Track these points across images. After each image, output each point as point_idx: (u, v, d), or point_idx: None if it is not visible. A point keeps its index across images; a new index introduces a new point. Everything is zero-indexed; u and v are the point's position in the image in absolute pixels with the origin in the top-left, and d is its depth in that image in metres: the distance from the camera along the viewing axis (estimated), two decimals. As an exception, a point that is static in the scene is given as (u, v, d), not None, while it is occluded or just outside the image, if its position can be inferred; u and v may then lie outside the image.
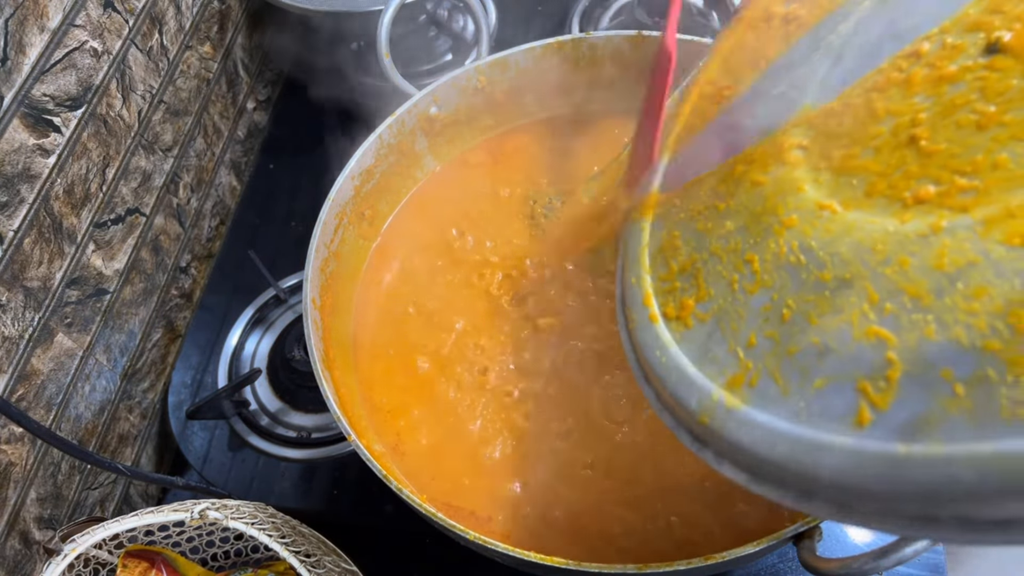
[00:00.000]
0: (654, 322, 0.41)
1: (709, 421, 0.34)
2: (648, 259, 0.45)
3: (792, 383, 0.31)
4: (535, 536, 0.51)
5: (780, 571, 0.62)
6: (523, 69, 0.67)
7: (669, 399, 0.38)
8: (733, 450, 0.33)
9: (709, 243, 0.41)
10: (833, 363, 0.30)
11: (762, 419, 0.31)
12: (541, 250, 0.64)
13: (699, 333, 0.38)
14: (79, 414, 0.67)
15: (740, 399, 0.33)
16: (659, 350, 0.40)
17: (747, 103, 0.44)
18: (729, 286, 0.37)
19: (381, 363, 0.61)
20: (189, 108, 0.82)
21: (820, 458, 0.28)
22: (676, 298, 0.41)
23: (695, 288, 0.40)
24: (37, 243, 0.60)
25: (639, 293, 0.44)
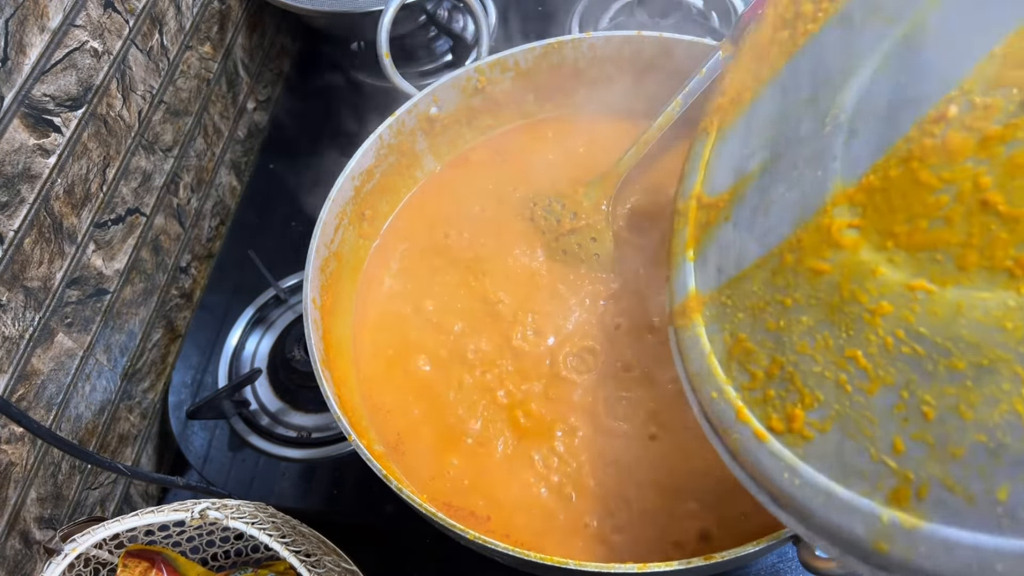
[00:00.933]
0: (764, 440, 0.38)
1: (889, 547, 0.30)
2: (721, 368, 0.42)
3: (975, 489, 0.28)
4: (535, 536, 0.51)
5: (780, 571, 0.62)
6: (523, 69, 0.67)
7: (823, 524, 0.34)
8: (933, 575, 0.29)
9: (791, 342, 0.38)
10: (1016, 459, 0.27)
11: (959, 536, 0.28)
12: (540, 251, 0.64)
13: (826, 445, 0.34)
14: (79, 414, 0.67)
15: (916, 516, 0.29)
16: (787, 472, 0.36)
17: (765, 186, 0.43)
18: (839, 388, 0.34)
19: (381, 363, 0.61)
20: (189, 108, 0.82)
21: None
22: (778, 408, 0.38)
23: (797, 394, 0.37)
24: (37, 243, 0.60)
25: (729, 408, 0.40)
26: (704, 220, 0.48)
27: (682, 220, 0.51)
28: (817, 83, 0.41)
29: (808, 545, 0.41)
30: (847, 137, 0.38)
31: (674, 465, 0.53)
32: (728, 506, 0.51)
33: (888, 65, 0.37)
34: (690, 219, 0.50)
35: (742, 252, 0.43)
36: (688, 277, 0.48)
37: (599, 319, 0.60)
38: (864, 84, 0.38)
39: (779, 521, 0.37)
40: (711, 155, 0.50)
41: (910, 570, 0.30)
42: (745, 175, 0.45)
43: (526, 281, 0.63)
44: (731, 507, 0.51)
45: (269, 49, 1.00)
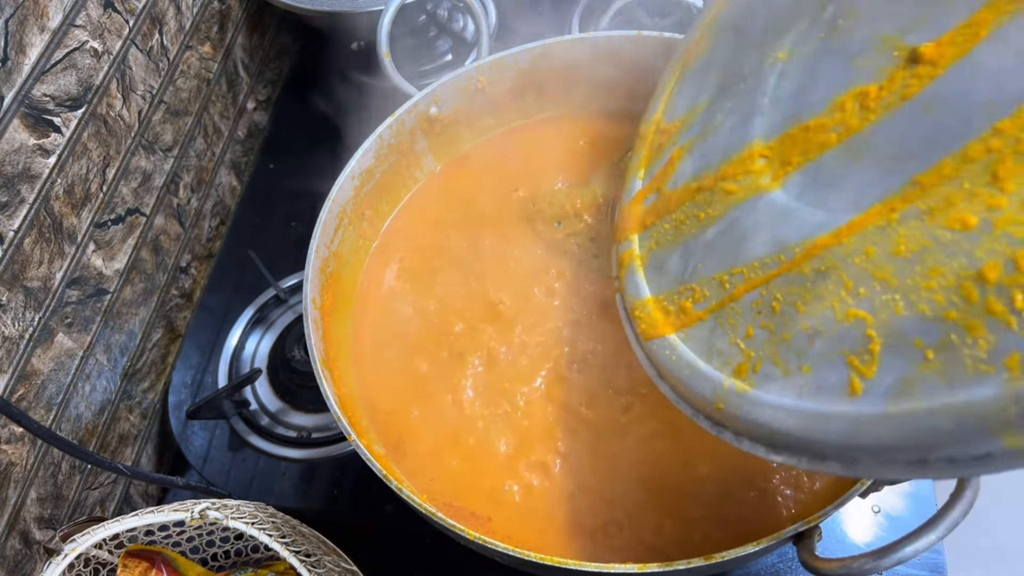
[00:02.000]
0: (658, 328, 0.46)
1: (724, 407, 0.39)
2: (643, 272, 0.50)
3: (791, 365, 0.36)
4: (535, 536, 0.51)
5: (780, 571, 0.62)
6: (523, 69, 0.67)
7: (685, 392, 0.42)
8: (749, 428, 0.37)
9: (697, 250, 0.45)
10: (823, 344, 0.34)
11: (770, 399, 0.36)
12: (540, 252, 0.64)
13: (702, 331, 0.43)
14: (79, 414, 0.67)
15: (748, 384, 0.38)
16: (668, 350, 0.44)
17: (708, 117, 0.49)
18: (721, 287, 0.42)
19: (381, 363, 0.61)
20: (189, 108, 0.82)
21: (826, 426, 0.33)
22: (675, 303, 0.46)
23: (691, 292, 0.45)
24: (37, 243, 0.60)
25: (645, 305, 0.48)
26: (657, 144, 0.54)
27: (641, 143, 0.56)
28: (767, 30, 0.46)
29: (808, 545, 0.41)
30: (778, 79, 0.44)
31: (675, 465, 0.53)
32: (728, 506, 0.51)
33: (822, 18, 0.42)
34: (647, 143, 0.56)
35: (680, 172, 0.49)
36: (633, 193, 0.54)
37: (600, 319, 0.60)
38: (801, 33, 0.43)
39: (664, 395, 0.45)
40: (674, 88, 0.55)
41: (734, 421, 0.38)
42: (695, 106, 0.51)
43: (526, 281, 0.63)
44: (731, 507, 0.51)
45: (269, 49, 1.00)
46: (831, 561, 0.39)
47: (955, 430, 0.28)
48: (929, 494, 0.63)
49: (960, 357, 0.28)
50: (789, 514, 0.50)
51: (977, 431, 0.27)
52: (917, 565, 0.61)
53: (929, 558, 0.61)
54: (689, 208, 0.47)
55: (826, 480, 0.51)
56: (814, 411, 0.33)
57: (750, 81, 0.46)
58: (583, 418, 0.56)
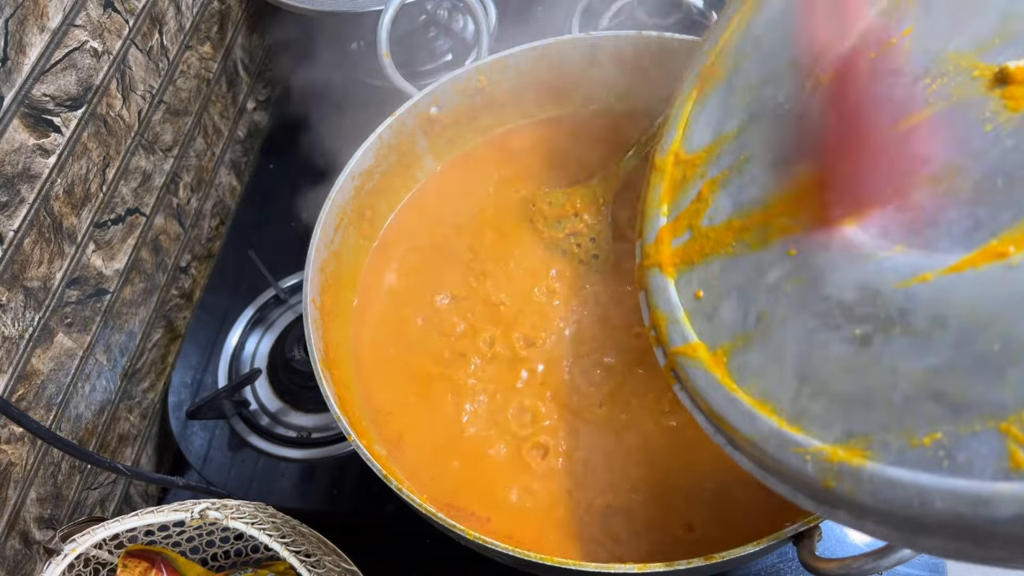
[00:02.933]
0: (726, 384, 0.39)
1: (836, 484, 0.32)
2: (689, 319, 0.44)
3: (918, 433, 0.30)
4: (535, 536, 0.51)
5: (780, 571, 0.62)
6: (523, 69, 0.67)
7: (773, 465, 0.36)
8: (876, 511, 0.31)
9: (756, 296, 0.40)
10: (952, 408, 0.29)
11: (901, 475, 0.30)
12: (540, 252, 0.64)
13: (782, 391, 0.36)
14: (79, 414, 0.67)
15: (862, 456, 0.31)
16: (743, 415, 0.38)
17: (741, 146, 0.46)
18: (802, 339, 0.36)
19: (381, 363, 0.61)
20: (189, 108, 0.82)
21: (992, 509, 0.27)
22: (739, 355, 0.39)
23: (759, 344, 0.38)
24: (37, 243, 0.60)
25: (691, 352, 0.42)
26: (679, 176, 0.50)
27: (658, 175, 0.52)
28: (799, 48, 0.43)
29: (808, 545, 0.41)
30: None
31: (676, 465, 0.53)
32: (728, 506, 0.51)
33: (865, 34, 0.39)
34: (666, 175, 0.51)
35: (717, 208, 0.45)
36: (657, 229, 0.49)
37: (600, 320, 0.60)
38: (843, 50, 0.40)
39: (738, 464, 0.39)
40: (691, 115, 0.51)
41: (851, 503, 0.32)
42: (722, 135, 0.47)
43: (526, 282, 0.63)
44: (731, 507, 0.51)
45: (269, 49, 1.00)
46: (831, 561, 0.39)
47: None
48: (929, 494, 0.63)
49: None
50: (789, 514, 0.50)
51: None
52: (917, 565, 0.61)
53: (929, 558, 0.61)
54: (737, 248, 0.42)
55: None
56: (970, 490, 0.27)
57: (790, 107, 0.42)
58: (583, 418, 0.56)
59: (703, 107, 0.50)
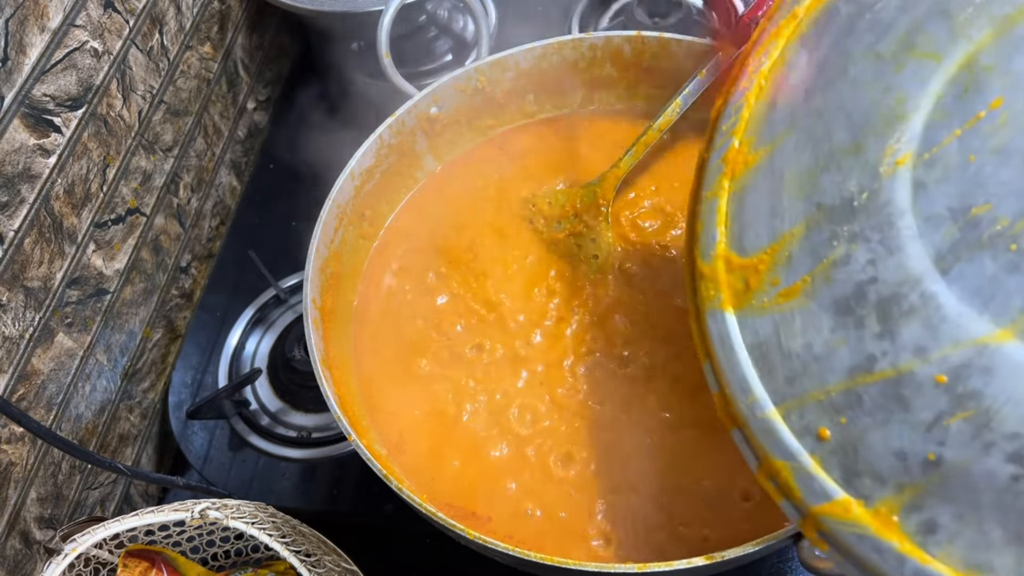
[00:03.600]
0: (915, 556, 0.33)
1: None
2: (818, 464, 0.36)
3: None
4: (535, 536, 0.51)
5: (780, 571, 0.62)
6: (523, 69, 0.67)
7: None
8: None
9: (911, 435, 0.33)
10: None
11: None
12: (540, 252, 0.64)
13: (1001, 558, 0.31)
14: (79, 414, 0.67)
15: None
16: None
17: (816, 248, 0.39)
18: (1008, 486, 0.31)
19: (381, 363, 0.61)
20: (189, 108, 0.82)
21: None
22: (911, 510, 0.33)
23: (940, 493, 0.32)
24: (37, 243, 0.60)
25: (842, 513, 0.35)
26: (741, 286, 0.42)
27: (711, 285, 0.43)
28: (855, 127, 0.38)
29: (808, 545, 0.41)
30: (914, 191, 0.35)
31: (676, 464, 0.53)
32: (728, 506, 0.51)
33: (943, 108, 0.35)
34: (721, 284, 0.42)
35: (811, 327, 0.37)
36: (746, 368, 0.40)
37: (600, 320, 0.60)
38: (918, 130, 0.35)
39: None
40: (730, 209, 0.44)
41: None
42: (783, 234, 0.40)
43: (526, 282, 0.63)
44: (731, 507, 0.51)
45: (269, 49, 1.00)
46: (831, 561, 0.38)
47: None
48: (929, 494, 0.63)
49: None
50: (789, 514, 0.50)
51: None
52: (917, 565, 0.61)
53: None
54: (862, 377, 0.35)
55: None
56: None
57: (866, 198, 0.36)
58: (584, 418, 0.56)
59: (743, 199, 0.43)
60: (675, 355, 0.57)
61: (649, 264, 0.62)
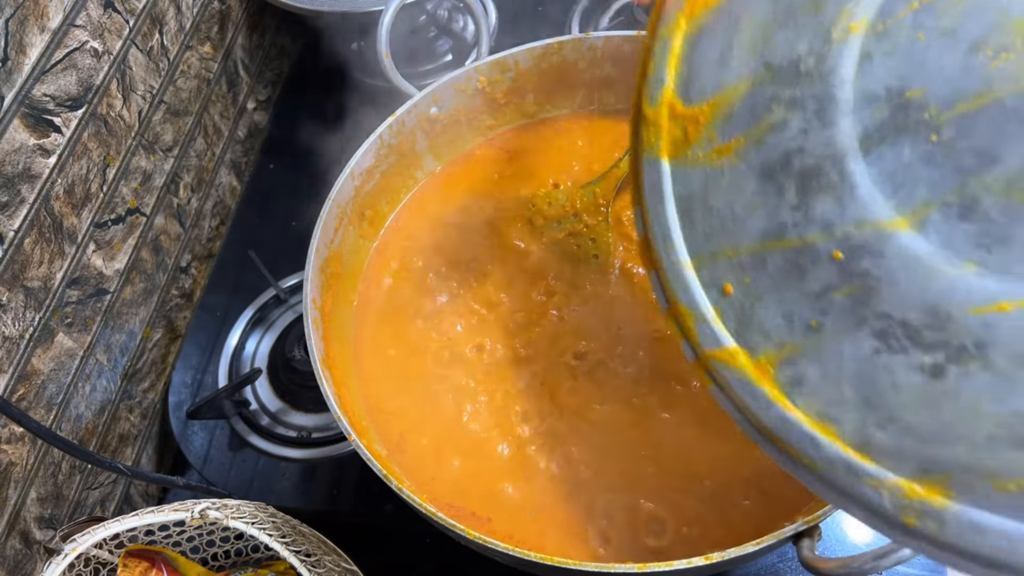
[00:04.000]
0: (778, 402, 0.35)
1: (919, 523, 0.30)
2: (718, 315, 0.38)
3: (1004, 478, 0.28)
4: (535, 536, 0.51)
5: (780, 571, 0.62)
6: (523, 69, 0.67)
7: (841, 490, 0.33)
8: (963, 551, 0.29)
9: (800, 301, 0.35)
10: None
11: (988, 520, 0.28)
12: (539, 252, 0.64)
13: (844, 415, 0.33)
14: (79, 414, 0.67)
15: (943, 495, 0.29)
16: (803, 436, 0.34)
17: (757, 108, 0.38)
18: (862, 361, 0.33)
19: (381, 363, 0.61)
20: (189, 108, 0.82)
21: None
22: (785, 366, 0.35)
23: (808, 355, 0.34)
24: (37, 243, 0.60)
25: (730, 359, 0.37)
26: (680, 136, 0.41)
27: (652, 130, 0.42)
28: None
29: (808, 545, 0.41)
30: (859, 64, 0.34)
31: (676, 464, 0.53)
32: (728, 505, 0.51)
33: None
34: (662, 131, 0.41)
35: (737, 189, 0.38)
36: (665, 196, 0.40)
37: (600, 320, 0.60)
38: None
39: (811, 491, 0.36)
40: (683, 53, 0.41)
41: (932, 544, 0.30)
42: (728, 87, 0.39)
43: (526, 282, 0.63)
44: (731, 506, 0.51)
45: (269, 49, 1.00)
46: (831, 561, 0.39)
47: None
48: (929, 494, 0.63)
49: None
50: (789, 514, 0.50)
51: None
52: (917, 565, 0.61)
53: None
54: (771, 243, 0.37)
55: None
56: None
57: (813, 62, 0.35)
58: (584, 418, 0.56)
59: (697, 42, 0.40)
60: (676, 355, 0.56)
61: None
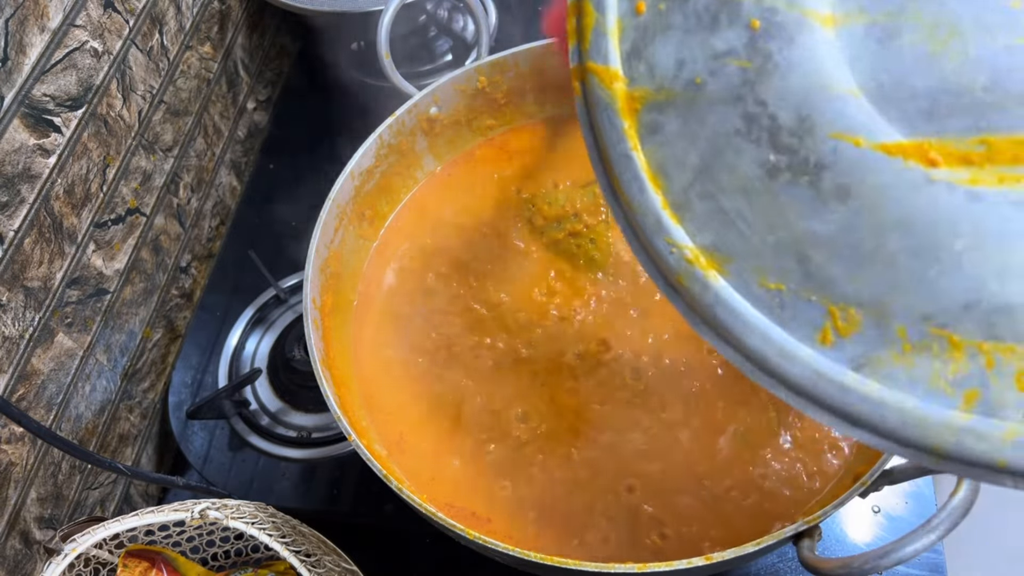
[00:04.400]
0: (629, 138, 0.36)
1: (687, 284, 0.34)
2: (619, 27, 0.37)
3: (769, 277, 0.32)
4: (535, 536, 0.51)
5: (780, 571, 0.62)
6: (523, 69, 0.67)
7: (641, 236, 0.36)
8: (706, 318, 0.33)
9: (699, 53, 0.35)
10: (809, 275, 0.31)
11: (737, 304, 0.32)
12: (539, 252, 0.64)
13: (681, 174, 0.34)
14: (79, 414, 0.67)
15: (717, 271, 0.33)
16: (635, 179, 0.36)
17: None
18: (728, 133, 0.33)
19: (381, 363, 0.61)
20: (189, 108, 0.82)
21: (787, 364, 0.31)
22: (653, 107, 0.35)
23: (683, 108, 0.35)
24: (37, 243, 0.60)
25: (607, 80, 0.36)
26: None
27: None
28: None
29: (808, 545, 0.41)
30: None
31: (676, 465, 0.53)
32: (728, 505, 0.51)
33: None
34: None
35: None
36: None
37: (601, 321, 0.60)
38: None
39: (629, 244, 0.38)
40: None
41: (693, 303, 0.34)
42: None
43: (526, 282, 0.63)
44: (730, 506, 0.51)
45: (269, 49, 1.00)
46: (831, 561, 0.39)
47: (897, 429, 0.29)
48: (929, 494, 0.63)
49: (931, 367, 0.28)
50: (789, 514, 0.50)
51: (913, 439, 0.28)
52: (917, 565, 0.61)
53: (929, 558, 0.61)
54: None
55: (826, 480, 0.51)
56: (779, 341, 0.31)
57: None
58: (583, 418, 0.56)
59: None
60: (676, 355, 0.57)
61: (649, 264, 0.62)
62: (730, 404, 0.54)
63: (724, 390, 0.55)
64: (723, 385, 0.55)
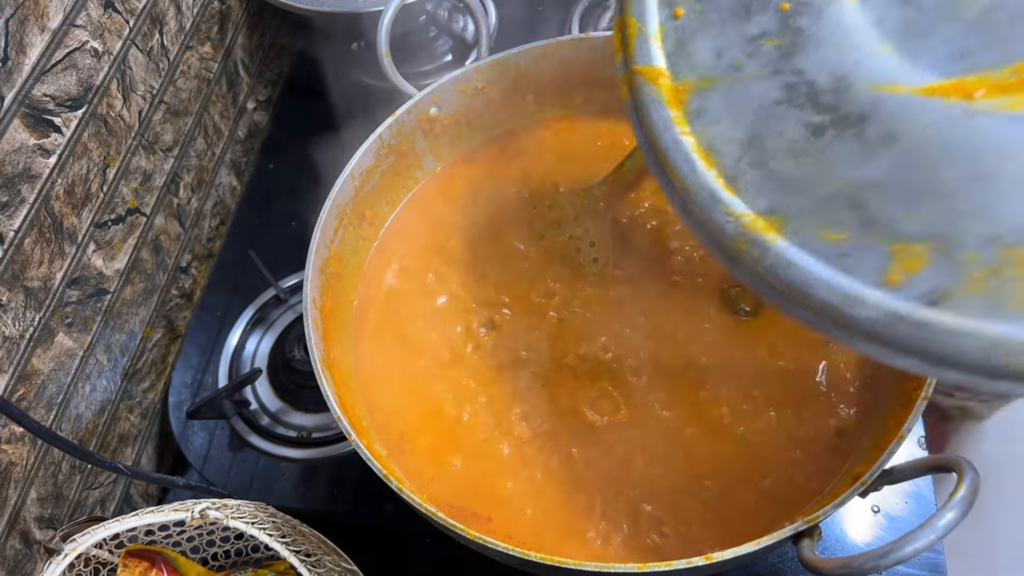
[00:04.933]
0: (677, 125, 0.38)
1: (745, 250, 0.34)
2: (660, 33, 0.40)
3: (828, 229, 0.33)
4: (535, 536, 0.51)
5: (780, 571, 0.62)
6: (523, 69, 0.67)
7: (699, 215, 0.37)
8: (768, 280, 0.34)
9: (736, 39, 0.38)
10: (867, 221, 0.32)
11: (799, 258, 0.33)
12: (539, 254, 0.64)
13: (731, 149, 0.36)
14: (79, 414, 0.67)
15: (775, 232, 0.34)
16: (685, 161, 0.37)
17: None
18: (771, 104, 0.36)
19: (381, 363, 0.61)
20: (189, 108, 0.82)
21: (856, 308, 0.31)
22: (698, 94, 0.38)
23: (725, 89, 0.37)
24: (38, 243, 0.60)
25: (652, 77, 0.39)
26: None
27: None
28: None
29: (808, 545, 0.41)
30: None
31: (675, 465, 0.53)
32: (728, 505, 0.51)
33: None
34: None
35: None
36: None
37: (600, 322, 0.60)
38: None
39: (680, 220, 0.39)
40: None
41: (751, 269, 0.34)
42: None
43: (526, 283, 0.63)
44: (731, 506, 0.51)
45: (269, 49, 1.00)
46: (831, 560, 0.39)
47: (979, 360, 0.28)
48: (929, 494, 0.63)
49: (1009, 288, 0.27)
50: (789, 514, 0.50)
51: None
52: (917, 565, 0.61)
53: (929, 558, 0.61)
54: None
55: (826, 480, 0.51)
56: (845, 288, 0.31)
57: None
58: (583, 418, 0.56)
59: None
60: (676, 355, 0.57)
61: (651, 267, 0.62)
62: (730, 404, 0.55)
63: (724, 390, 0.55)
64: (723, 385, 0.55)
